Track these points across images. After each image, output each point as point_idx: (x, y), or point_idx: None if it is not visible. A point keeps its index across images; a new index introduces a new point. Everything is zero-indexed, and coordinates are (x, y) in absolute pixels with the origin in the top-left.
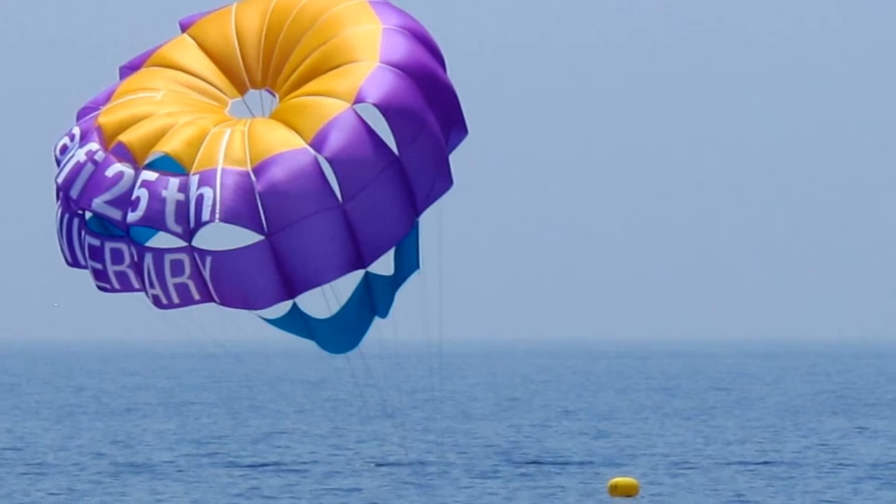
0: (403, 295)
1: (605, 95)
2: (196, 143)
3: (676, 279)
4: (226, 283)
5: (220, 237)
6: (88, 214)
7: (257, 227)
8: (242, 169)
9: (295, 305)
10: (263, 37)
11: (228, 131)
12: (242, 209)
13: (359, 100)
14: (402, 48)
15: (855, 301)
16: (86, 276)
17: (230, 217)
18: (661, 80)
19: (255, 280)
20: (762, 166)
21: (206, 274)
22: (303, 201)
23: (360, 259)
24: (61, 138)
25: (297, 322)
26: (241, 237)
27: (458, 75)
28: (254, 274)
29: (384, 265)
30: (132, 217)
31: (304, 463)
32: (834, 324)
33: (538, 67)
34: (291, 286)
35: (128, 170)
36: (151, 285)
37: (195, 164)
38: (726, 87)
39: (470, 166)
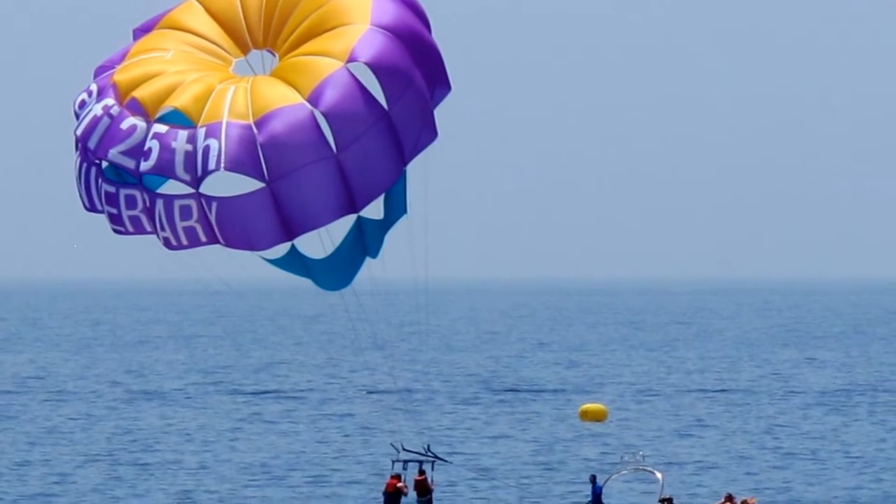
0: (392, 237)
1: (577, 54)
2: (203, 99)
3: (642, 222)
4: (230, 226)
5: (225, 184)
6: (105, 164)
7: (259, 176)
8: (245, 122)
9: (293, 247)
10: (264, 1)
11: (232, 88)
12: (245, 159)
13: (352, 59)
14: (391, 12)
15: (805, 241)
16: (102, 219)
17: (234, 166)
18: (630, 38)
19: (256, 224)
20: (721, 117)
21: (212, 218)
22: (300, 152)
23: (352, 204)
24: (80, 94)
25: (295, 262)
26: (244, 184)
27: (442, 37)
28: (256, 218)
29: (375, 210)
30: (144, 166)
31: (302, 390)
32: (785, 263)
33: (515, 28)
34: (290, 229)
35: (140, 123)
36: (162, 228)
37: (202, 118)
38: (691, 46)
39: (453, 120)
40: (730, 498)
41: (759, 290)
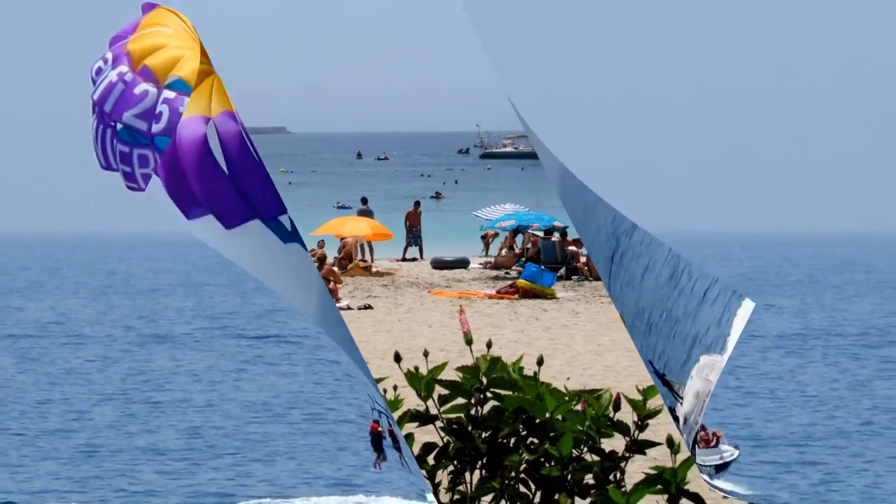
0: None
1: (550, 21)
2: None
3: (612, 177)
4: None
5: None
6: (119, 126)
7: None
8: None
9: None
10: None
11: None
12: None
13: None
14: None
15: (763, 194)
16: (117, 177)
17: None
18: (601, 3)
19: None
20: (686, 79)
21: None
22: None
23: None
24: (96, 62)
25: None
26: None
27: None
28: None
29: None
30: (156, 128)
31: (300, 336)
32: (745, 215)
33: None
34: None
35: (152, 89)
36: None
37: None
38: (656, 11)
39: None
40: (703, 427)
41: (720, 242)
